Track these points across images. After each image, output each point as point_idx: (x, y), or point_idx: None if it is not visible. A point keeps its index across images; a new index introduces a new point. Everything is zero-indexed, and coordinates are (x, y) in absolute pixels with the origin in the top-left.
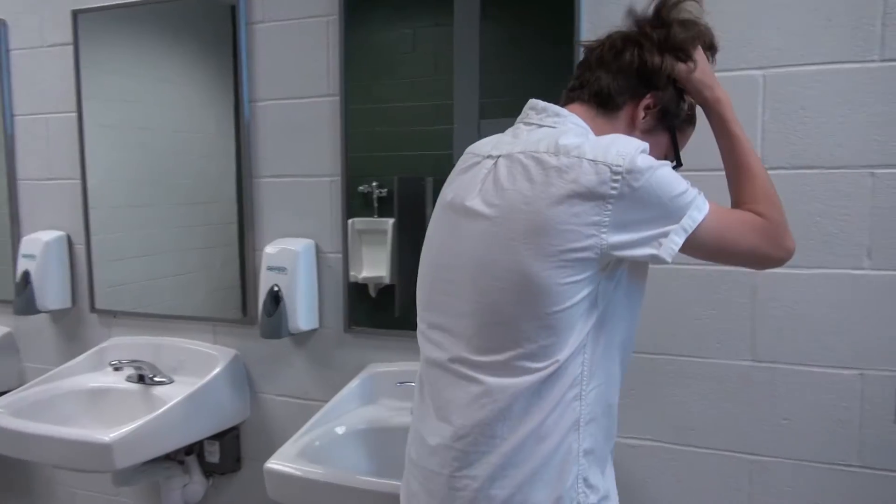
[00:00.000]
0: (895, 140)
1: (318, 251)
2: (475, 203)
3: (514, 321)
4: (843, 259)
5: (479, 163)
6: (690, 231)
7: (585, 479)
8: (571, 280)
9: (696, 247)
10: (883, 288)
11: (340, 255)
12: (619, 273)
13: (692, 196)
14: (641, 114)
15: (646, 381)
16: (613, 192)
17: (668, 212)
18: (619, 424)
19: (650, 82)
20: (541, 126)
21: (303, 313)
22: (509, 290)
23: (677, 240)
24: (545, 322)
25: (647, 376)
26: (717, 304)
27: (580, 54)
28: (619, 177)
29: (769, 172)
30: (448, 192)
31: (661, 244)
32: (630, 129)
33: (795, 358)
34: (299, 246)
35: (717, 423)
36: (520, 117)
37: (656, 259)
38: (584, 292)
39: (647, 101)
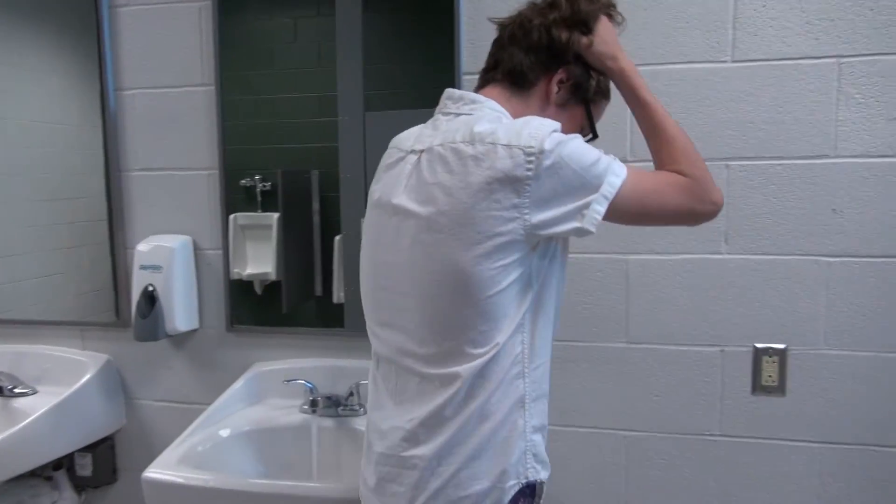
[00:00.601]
0: (745, 135)
1: (197, 248)
2: (402, 200)
3: (453, 311)
4: (703, 244)
5: (403, 158)
6: (611, 197)
7: (536, 455)
8: (501, 264)
9: (620, 212)
10: (738, 270)
11: (221, 252)
12: (553, 250)
13: (607, 163)
14: (555, 88)
15: None
16: (529, 173)
17: (586, 182)
18: None
19: (560, 58)
20: (458, 115)
21: (181, 313)
22: (444, 283)
23: (599, 208)
24: (481, 308)
25: None
26: (594, 291)
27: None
28: (532, 157)
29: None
30: (375, 189)
31: (584, 216)
32: (545, 105)
33: (664, 338)
34: (175, 243)
35: (596, 403)
36: (438, 107)
37: (581, 231)
38: (515, 274)
39: (558, 76)
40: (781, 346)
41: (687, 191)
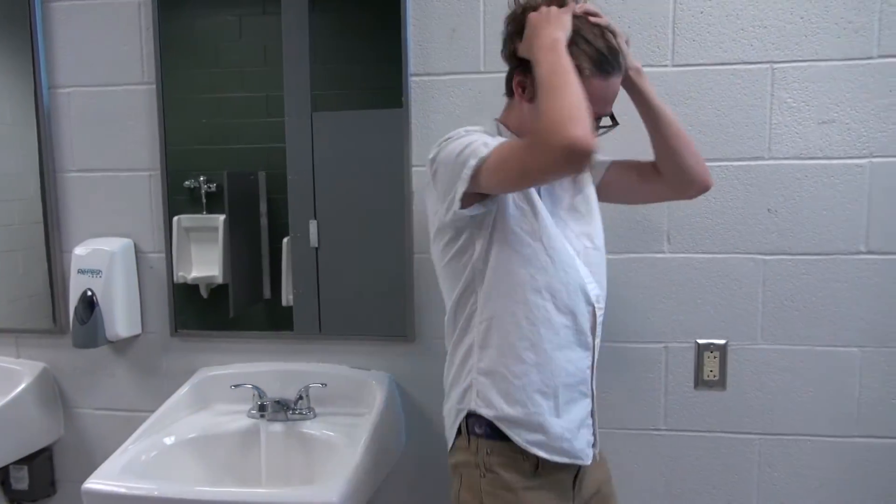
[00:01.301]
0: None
1: (138, 251)
2: None
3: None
4: (647, 244)
5: None
6: (469, 178)
7: (481, 393)
8: (442, 244)
9: (483, 187)
10: (680, 269)
11: (163, 255)
12: (488, 230)
13: (472, 149)
14: (519, 90)
15: None
16: (431, 176)
17: (455, 172)
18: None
19: (515, 64)
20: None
21: (122, 319)
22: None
23: (460, 190)
24: (441, 275)
25: None
26: None
27: (409, 42)
28: (430, 162)
29: None
30: None
31: (452, 201)
32: (522, 107)
33: (610, 336)
34: (115, 246)
35: None
36: None
37: (455, 215)
38: (452, 251)
39: (516, 80)
40: (722, 341)
41: (530, 145)
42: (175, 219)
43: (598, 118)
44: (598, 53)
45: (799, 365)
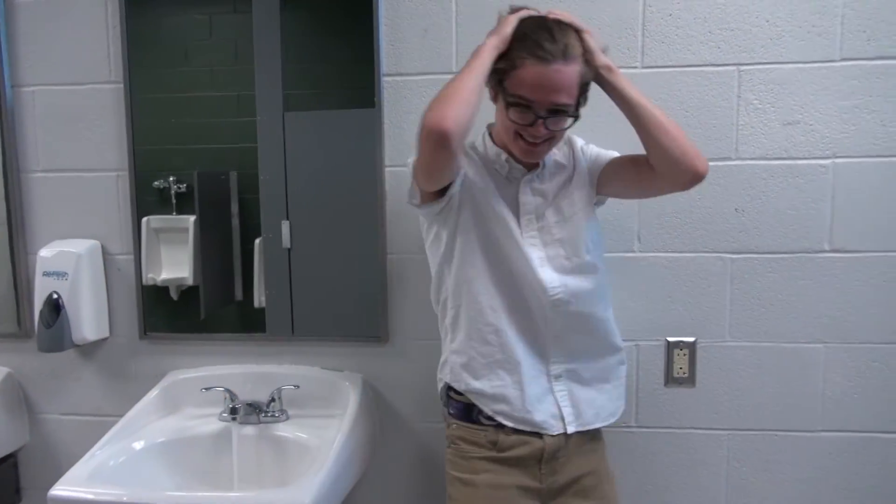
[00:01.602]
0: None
1: (106, 253)
2: None
3: None
4: (618, 243)
5: None
6: (411, 175)
7: (453, 370)
8: (424, 233)
9: (421, 184)
10: (650, 268)
11: (132, 257)
12: (452, 226)
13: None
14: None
15: None
16: None
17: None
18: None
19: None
20: None
21: (89, 322)
22: None
23: (411, 187)
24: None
25: None
26: None
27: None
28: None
29: None
30: None
31: (410, 196)
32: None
33: None
34: (81, 248)
35: None
36: None
37: (419, 209)
38: (429, 241)
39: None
40: (691, 339)
41: (419, 141)
42: (144, 220)
43: (555, 110)
44: (535, 43)
45: (765, 361)
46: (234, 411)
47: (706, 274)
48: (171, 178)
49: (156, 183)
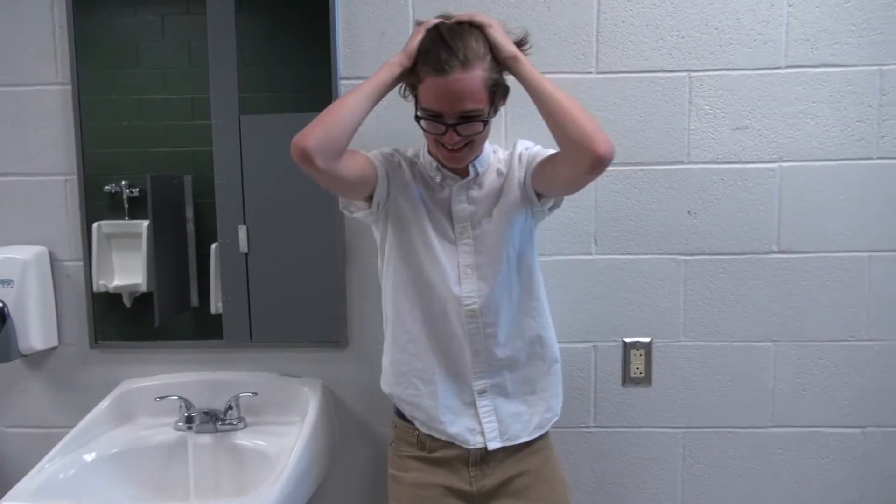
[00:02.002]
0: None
1: (54, 259)
2: None
3: None
4: (575, 246)
5: None
6: None
7: (384, 374)
8: None
9: None
10: (607, 269)
11: (81, 263)
12: (381, 231)
13: None
14: None
15: None
16: None
17: None
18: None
19: None
20: None
21: (36, 331)
22: None
23: None
24: None
25: None
26: None
27: (338, 45)
28: None
29: None
30: None
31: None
32: None
33: None
34: (28, 254)
35: None
36: None
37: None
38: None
39: None
40: (647, 339)
41: None
42: (95, 225)
43: (465, 116)
44: (433, 56)
45: (718, 360)
46: (189, 420)
47: (661, 275)
48: (124, 183)
49: (107, 187)
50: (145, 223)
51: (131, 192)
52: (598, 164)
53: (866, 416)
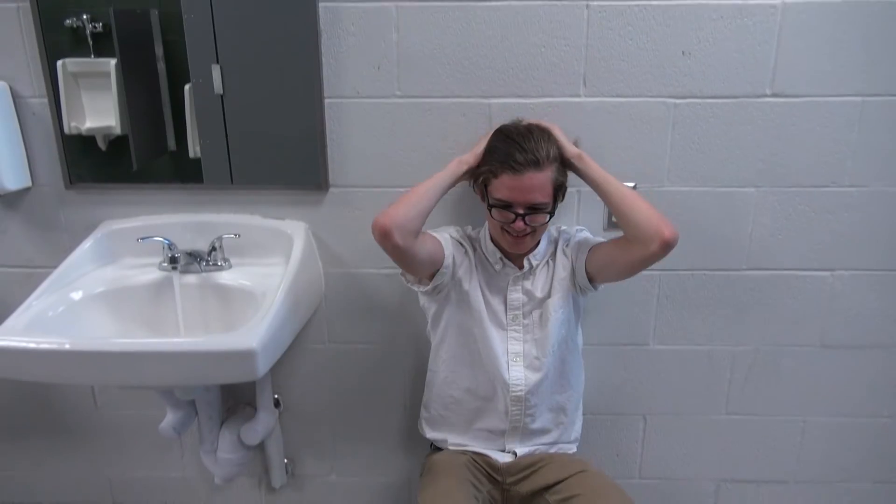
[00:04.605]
0: None
1: (15, 95)
2: None
3: None
4: (564, 87)
5: None
6: None
7: (421, 419)
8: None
9: None
10: (595, 112)
11: (46, 100)
12: (439, 303)
13: None
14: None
15: None
16: None
17: None
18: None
19: None
20: None
21: (6, 170)
22: None
23: None
24: None
25: None
26: (456, 135)
27: None
28: None
29: None
30: None
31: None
32: None
33: None
34: None
35: None
36: None
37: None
38: (423, 305)
39: None
40: (631, 184)
41: None
42: (59, 63)
43: (530, 208)
44: (503, 155)
45: (699, 205)
46: (173, 260)
47: (649, 119)
48: (85, 17)
49: (67, 21)
50: (113, 61)
51: (94, 27)
52: (666, 246)
53: (837, 259)
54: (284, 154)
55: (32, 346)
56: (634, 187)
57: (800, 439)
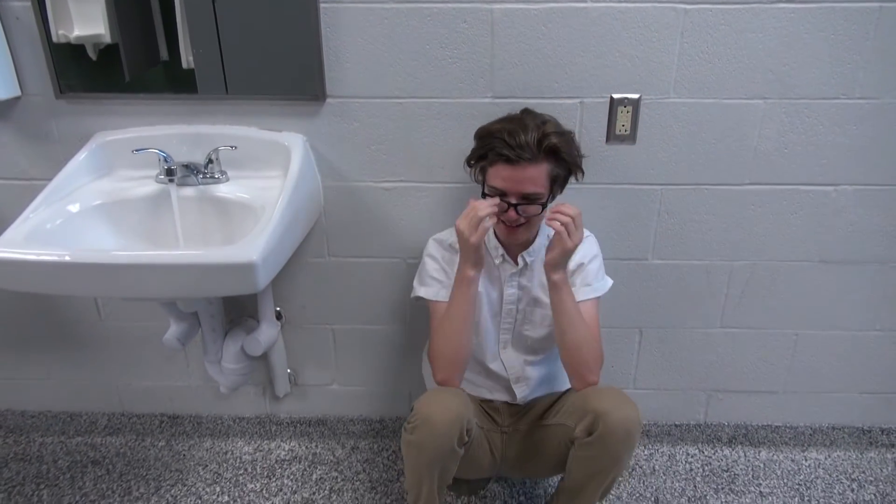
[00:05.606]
0: None
1: None
2: None
3: None
4: None
5: None
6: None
7: (425, 363)
8: None
9: None
10: (600, 19)
11: (29, 4)
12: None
13: (419, 278)
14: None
15: (397, 128)
16: None
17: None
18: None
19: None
20: None
21: None
22: None
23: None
24: None
25: (398, 122)
26: (458, 43)
27: None
28: None
29: None
30: None
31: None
32: None
33: (529, 91)
34: None
35: (460, 159)
36: None
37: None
38: None
39: None
40: (635, 96)
41: (431, 360)
42: None
43: (523, 197)
44: (500, 143)
45: (705, 118)
46: (170, 172)
47: (658, 26)
48: None
49: None
50: None
51: None
52: (585, 387)
53: (841, 174)
54: (280, 62)
55: (33, 258)
56: (639, 99)
57: (792, 352)
